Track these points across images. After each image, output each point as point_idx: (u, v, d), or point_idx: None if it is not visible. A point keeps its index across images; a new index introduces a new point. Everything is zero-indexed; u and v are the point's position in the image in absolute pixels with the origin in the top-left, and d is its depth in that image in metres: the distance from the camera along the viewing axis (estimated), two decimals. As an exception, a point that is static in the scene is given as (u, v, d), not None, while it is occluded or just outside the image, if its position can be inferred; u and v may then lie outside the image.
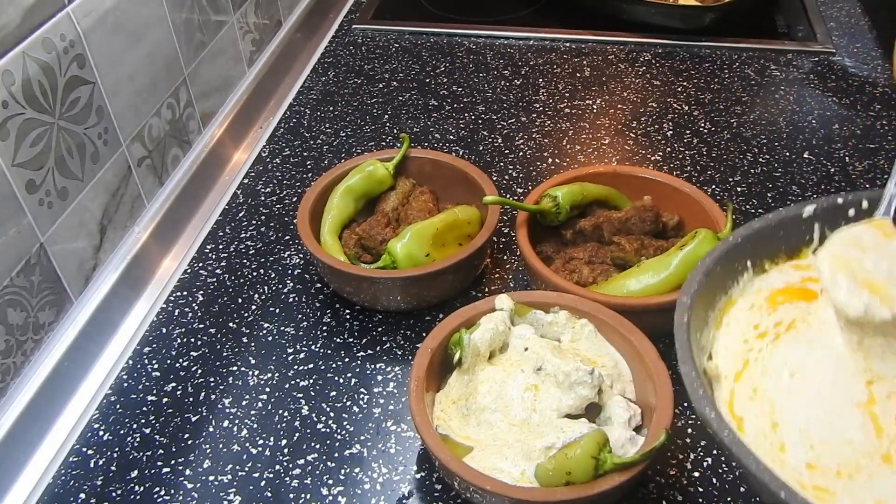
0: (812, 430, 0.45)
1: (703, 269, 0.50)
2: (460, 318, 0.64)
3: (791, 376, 0.48)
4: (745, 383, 0.48)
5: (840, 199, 0.53)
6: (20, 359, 0.66)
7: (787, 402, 0.47)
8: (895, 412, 0.45)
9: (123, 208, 0.79)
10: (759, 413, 0.46)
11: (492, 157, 0.93)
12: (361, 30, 1.19)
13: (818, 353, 0.49)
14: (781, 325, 0.51)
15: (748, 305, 0.52)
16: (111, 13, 0.74)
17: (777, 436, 0.45)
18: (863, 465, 0.43)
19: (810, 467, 0.44)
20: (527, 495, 0.53)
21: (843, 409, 0.46)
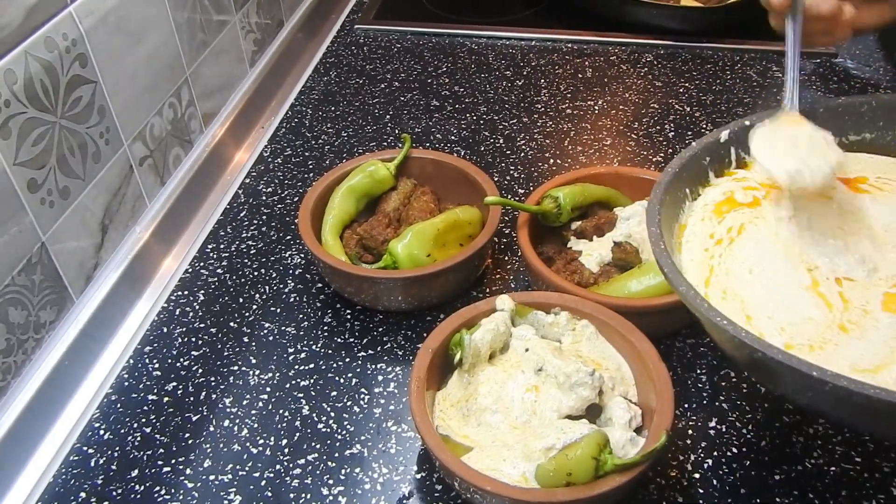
0: (778, 316, 0.51)
1: (657, 198, 0.56)
2: (461, 319, 0.64)
3: (750, 272, 0.54)
4: (715, 287, 0.54)
5: (747, 121, 0.61)
6: (21, 358, 0.66)
7: (753, 296, 0.52)
8: (836, 289, 0.53)
9: (125, 208, 0.79)
10: (733, 310, 0.51)
11: (493, 157, 0.93)
12: (363, 30, 1.19)
13: (767, 249, 0.56)
14: (733, 230, 0.57)
15: (699, 219, 0.59)
16: (113, 12, 0.74)
17: (752, 326, 0.50)
18: (827, 337, 0.50)
19: (788, 346, 0.49)
20: (527, 496, 0.53)
21: (796, 293, 0.53)
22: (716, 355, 0.69)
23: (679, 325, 0.71)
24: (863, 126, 0.62)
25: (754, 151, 0.59)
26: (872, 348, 0.48)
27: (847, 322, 0.50)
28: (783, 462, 0.61)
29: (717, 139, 0.61)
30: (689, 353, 0.69)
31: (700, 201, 0.60)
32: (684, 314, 0.69)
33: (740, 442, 0.62)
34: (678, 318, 0.70)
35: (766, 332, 0.50)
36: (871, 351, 0.48)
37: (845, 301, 0.52)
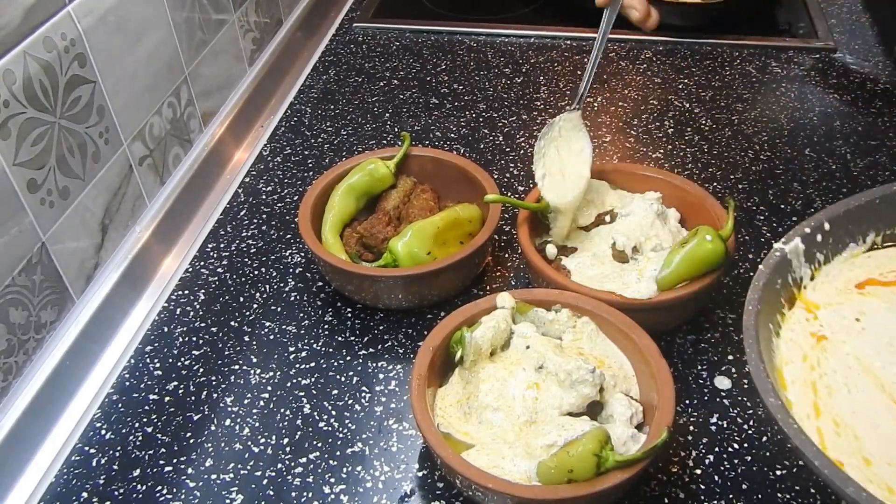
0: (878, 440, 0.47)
1: (753, 347, 0.51)
2: (462, 317, 0.64)
3: (848, 391, 0.50)
4: (826, 416, 0.49)
5: (807, 227, 0.58)
6: (22, 358, 0.66)
7: (864, 429, 0.48)
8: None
9: (125, 207, 0.79)
10: (850, 451, 0.47)
11: (493, 155, 0.93)
12: (362, 28, 1.19)
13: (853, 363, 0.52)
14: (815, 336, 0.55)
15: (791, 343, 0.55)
16: (112, 12, 0.74)
17: (874, 475, 0.46)
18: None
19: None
20: (529, 493, 0.53)
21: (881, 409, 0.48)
22: (717, 351, 0.69)
23: (680, 321, 0.71)
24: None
25: (537, 170, 0.67)
26: None
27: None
28: (784, 458, 0.61)
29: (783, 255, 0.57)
30: (689, 349, 0.69)
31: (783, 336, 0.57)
32: (685, 310, 0.70)
33: (741, 438, 0.63)
34: (679, 315, 0.70)
35: (874, 458, 0.46)
36: None
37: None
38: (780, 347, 0.55)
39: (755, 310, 0.53)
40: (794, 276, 0.58)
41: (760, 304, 0.53)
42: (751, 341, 0.50)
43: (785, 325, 0.56)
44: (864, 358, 0.53)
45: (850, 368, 0.52)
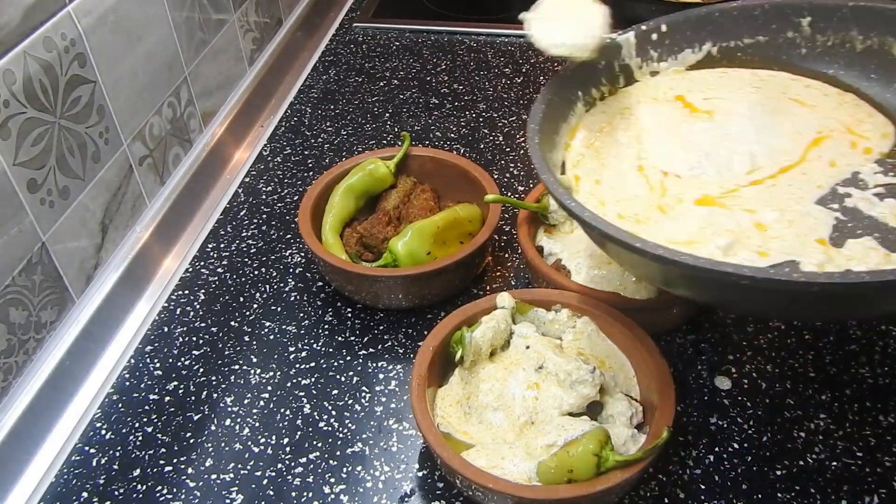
0: (616, 191, 0.60)
1: (543, 99, 0.62)
2: (461, 317, 0.64)
3: (604, 161, 0.63)
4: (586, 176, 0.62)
5: (644, 26, 0.68)
6: (22, 358, 0.66)
7: (604, 176, 0.61)
8: (660, 178, 0.61)
9: (125, 207, 0.79)
10: (588, 171, 0.61)
11: (493, 155, 0.93)
12: (362, 28, 1.19)
13: (620, 138, 0.65)
14: (601, 132, 0.65)
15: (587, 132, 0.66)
16: (112, 12, 0.74)
17: (596, 189, 0.60)
18: (649, 214, 0.58)
19: (620, 217, 0.58)
20: (529, 493, 0.53)
21: (628, 171, 0.62)
22: (716, 351, 0.69)
23: (680, 321, 0.71)
24: (757, 29, 0.66)
25: (529, 25, 0.65)
26: (686, 229, 0.56)
27: (664, 206, 0.58)
28: (784, 457, 0.61)
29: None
30: (689, 349, 0.69)
31: (592, 117, 0.66)
32: (685, 310, 0.70)
33: (741, 437, 0.63)
34: (679, 315, 0.70)
35: (608, 203, 0.59)
36: (685, 230, 0.55)
37: (664, 189, 0.59)
38: (585, 114, 0.66)
39: (562, 74, 0.63)
40: (622, 62, 0.67)
41: (570, 71, 0.64)
42: (543, 91, 0.62)
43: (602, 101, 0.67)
44: (646, 133, 0.65)
45: (630, 133, 0.65)
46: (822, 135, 0.62)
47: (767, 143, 0.62)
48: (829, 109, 0.65)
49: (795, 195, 0.58)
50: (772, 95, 0.66)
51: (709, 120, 0.65)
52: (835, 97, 0.66)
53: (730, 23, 0.66)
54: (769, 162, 0.61)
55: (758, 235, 0.55)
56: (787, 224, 0.55)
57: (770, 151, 0.61)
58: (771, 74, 0.68)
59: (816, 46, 0.66)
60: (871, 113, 0.64)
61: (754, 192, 0.58)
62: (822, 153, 0.61)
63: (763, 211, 0.56)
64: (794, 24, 0.65)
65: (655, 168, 0.61)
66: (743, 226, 0.55)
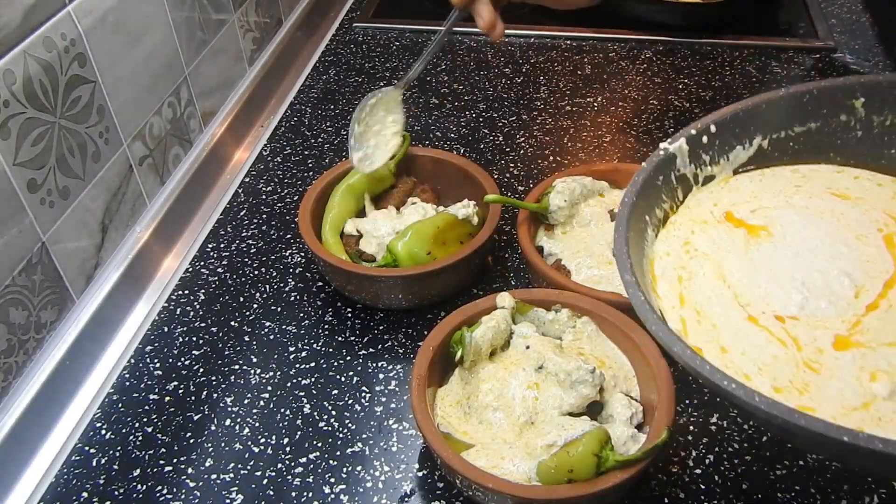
0: (748, 356, 0.49)
1: (622, 237, 0.53)
2: (462, 317, 0.64)
3: (703, 312, 0.53)
4: (689, 307, 0.52)
5: (692, 129, 0.60)
6: (22, 358, 0.66)
7: (723, 338, 0.51)
8: (779, 325, 0.51)
9: (125, 207, 0.79)
10: (707, 340, 0.50)
11: (493, 155, 0.93)
12: (362, 28, 1.19)
13: (703, 282, 0.55)
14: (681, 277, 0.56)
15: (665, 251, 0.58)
16: (112, 12, 0.74)
17: (729, 361, 0.49)
18: (804, 378, 0.48)
19: (777, 390, 0.47)
20: (529, 493, 0.53)
21: (743, 327, 0.51)
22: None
23: (680, 321, 0.71)
24: (808, 116, 0.61)
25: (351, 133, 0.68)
26: (850, 387, 0.47)
27: (810, 362, 0.49)
28: (784, 457, 0.61)
29: (667, 154, 0.59)
30: (689, 349, 0.69)
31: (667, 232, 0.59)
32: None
33: (742, 437, 0.63)
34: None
35: (748, 372, 0.48)
36: (849, 390, 0.47)
37: (794, 339, 0.50)
38: (655, 241, 0.58)
39: (630, 201, 0.55)
40: (678, 173, 0.60)
41: (637, 196, 0.55)
42: (621, 228, 0.52)
43: (664, 228, 0.59)
44: (724, 269, 0.56)
45: (710, 273, 0.55)
46: (886, 231, 0.57)
47: (848, 254, 0.55)
48: (881, 201, 0.59)
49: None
50: (815, 194, 0.60)
51: (769, 238, 0.57)
52: (890, 186, 0.60)
53: (778, 113, 0.61)
54: (867, 277, 0.53)
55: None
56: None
57: (858, 263, 0.54)
58: (813, 169, 0.62)
59: (873, 128, 0.61)
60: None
61: (876, 318, 0.51)
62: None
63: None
64: (847, 107, 0.60)
65: (767, 314, 0.52)
66: (893, 362, 0.48)
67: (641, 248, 0.56)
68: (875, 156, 0.61)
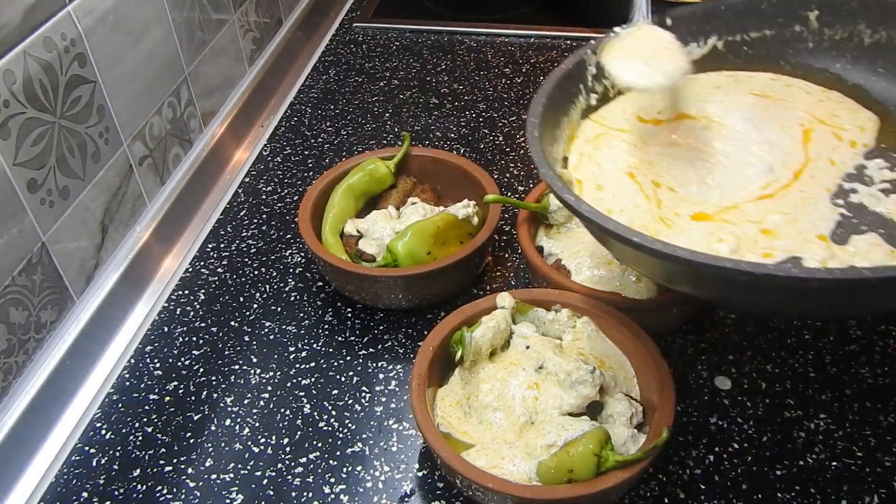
0: (619, 199, 0.58)
1: (544, 92, 0.60)
2: (461, 317, 0.64)
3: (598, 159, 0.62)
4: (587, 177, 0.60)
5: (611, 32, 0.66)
6: (22, 358, 0.66)
7: (604, 181, 0.59)
8: (652, 188, 0.58)
9: (125, 207, 0.79)
10: (588, 177, 0.59)
11: (493, 155, 0.93)
12: (362, 28, 1.19)
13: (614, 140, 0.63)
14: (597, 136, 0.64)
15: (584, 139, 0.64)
16: (112, 12, 0.74)
17: (605, 207, 0.57)
18: (656, 228, 0.56)
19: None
20: (529, 493, 0.53)
21: (622, 179, 0.60)
22: (716, 351, 0.69)
23: (680, 321, 0.71)
24: (764, 23, 0.65)
25: (605, 60, 0.63)
26: (695, 244, 0.53)
27: (665, 218, 0.56)
28: (784, 457, 0.61)
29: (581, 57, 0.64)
30: (689, 349, 0.69)
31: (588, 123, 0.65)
32: (685, 310, 0.70)
33: (741, 437, 0.63)
34: (679, 315, 0.70)
35: (611, 208, 0.57)
36: (690, 240, 0.54)
37: (658, 200, 0.57)
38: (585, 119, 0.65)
39: (566, 68, 0.61)
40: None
41: (575, 66, 0.62)
42: (545, 86, 0.60)
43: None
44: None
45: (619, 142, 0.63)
46: (805, 128, 0.62)
47: (770, 141, 0.61)
48: (805, 104, 0.63)
49: (805, 198, 0.57)
50: (736, 92, 0.65)
51: (706, 127, 0.63)
52: (817, 94, 0.64)
53: (736, 16, 0.65)
54: (782, 168, 0.59)
55: (764, 239, 0.54)
56: (790, 222, 0.55)
57: (778, 152, 0.60)
58: (749, 75, 0.66)
59: (824, 41, 0.64)
60: (854, 109, 0.63)
61: (759, 206, 0.57)
62: (819, 150, 0.60)
63: (768, 217, 0.56)
64: (801, 18, 0.64)
65: (646, 178, 0.60)
66: (748, 233, 0.54)
67: (566, 108, 0.62)
68: (822, 68, 0.64)
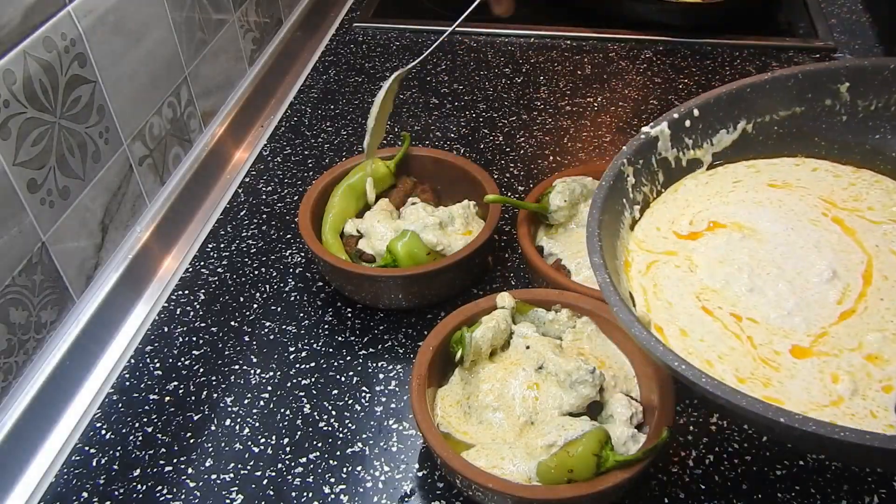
0: (707, 343, 0.50)
1: (595, 220, 0.52)
2: (462, 317, 0.64)
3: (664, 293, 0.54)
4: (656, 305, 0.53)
5: (675, 113, 0.59)
6: (22, 358, 0.66)
7: (681, 321, 0.51)
8: (734, 321, 0.51)
9: (125, 207, 0.79)
10: (667, 320, 0.52)
11: (493, 155, 0.93)
12: (362, 28, 1.19)
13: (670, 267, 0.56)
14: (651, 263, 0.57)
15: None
16: (112, 12, 0.74)
17: (702, 356, 0.49)
18: (765, 373, 0.48)
19: (741, 381, 0.47)
20: (529, 493, 0.53)
21: (698, 313, 0.52)
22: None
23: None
24: (792, 100, 0.61)
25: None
26: (811, 388, 0.47)
27: (767, 360, 0.49)
28: (784, 457, 0.61)
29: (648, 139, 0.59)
30: (689, 349, 0.69)
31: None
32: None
33: (741, 438, 0.63)
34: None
35: (709, 359, 0.49)
36: (815, 388, 0.47)
37: (749, 338, 0.50)
38: (634, 226, 0.58)
39: (608, 184, 0.55)
40: (659, 157, 0.60)
41: (616, 180, 0.56)
42: (594, 210, 0.52)
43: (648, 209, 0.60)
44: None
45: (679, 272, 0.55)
46: (832, 215, 0.57)
47: (818, 241, 0.54)
48: (818, 188, 0.59)
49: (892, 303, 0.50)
50: (752, 187, 0.61)
51: (743, 238, 0.57)
52: (848, 176, 0.60)
53: (762, 97, 0.61)
54: (845, 270, 0.52)
55: (875, 369, 0.47)
56: (891, 339, 0.48)
57: (834, 253, 0.53)
58: (770, 163, 0.62)
59: (858, 112, 0.60)
60: (890, 189, 0.59)
61: (846, 326, 0.50)
62: (874, 241, 0.54)
63: (865, 339, 0.49)
64: (831, 91, 0.60)
65: (723, 311, 0.52)
66: (855, 363, 0.47)
67: (617, 231, 0.56)
68: (859, 141, 0.61)
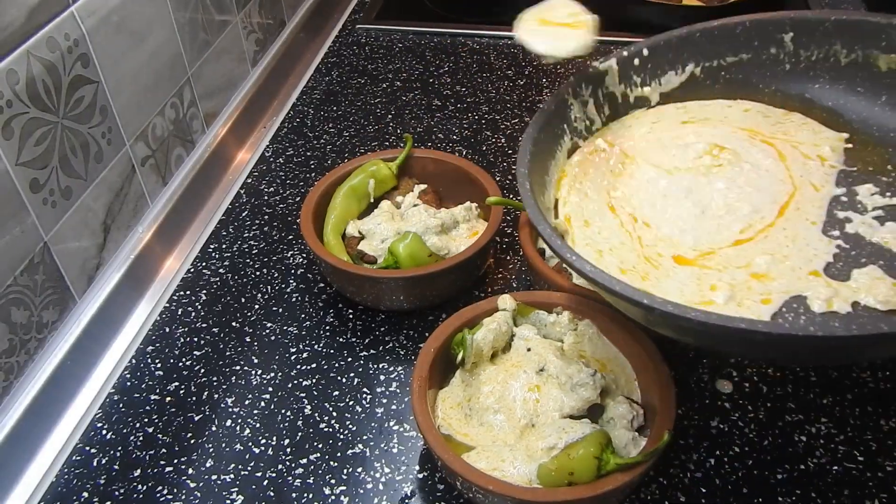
0: (604, 236, 0.57)
1: (530, 138, 0.58)
2: (463, 319, 0.64)
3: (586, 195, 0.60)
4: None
5: (625, 51, 0.65)
6: (23, 358, 0.66)
7: (589, 215, 0.58)
8: (631, 223, 0.57)
9: (127, 208, 0.79)
10: (584, 238, 0.57)
11: (495, 157, 0.93)
12: (365, 30, 1.19)
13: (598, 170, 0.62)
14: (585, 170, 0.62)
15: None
16: (115, 12, 0.74)
17: (595, 247, 0.56)
18: (644, 268, 0.54)
19: (622, 271, 0.54)
20: (529, 495, 0.53)
21: (605, 212, 0.59)
22: (718, 354, 0.69)
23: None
24: (739, 47, 0.65)
25: (518, 31, 0.62)
26: (686, 290, 0.51)
27: (650, 258, 0.54)
28: (785, 461, 0.61)
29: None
30: (691, 352, 0.69)
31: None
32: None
33: (742, 441, 0.62)
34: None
35: (606, 259, 0.54)
36: (687, 291, 0.51)
37: (639, 237, 0.56)
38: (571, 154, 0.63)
39: (549, 108, 0.59)
40: (606, 91, 0.64)
41: (557, 105, 0.60)
42: (530, 129, 0.58)
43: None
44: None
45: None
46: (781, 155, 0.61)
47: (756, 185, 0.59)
48: (732, 121, 0.63)
49: (793, 234, 0.55)
50: (667, 128, 0.65)
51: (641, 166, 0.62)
52: (777, 116, 0.64)
53: (711, 42, 0.65)
54: (767, 206, 0.57)
55: (757, 283, 0.52)
56: (779, 261, 0.53)
57: (765, 194, 0.58)
58: (704, 104, 0.66)
59: (800, 62, 0.64)
60: (816, 129, 0.62)
61: (738, 250, 0.55)
62: (800, 173, 0.59)
63: (755, 260, 0.54)
64: (776, 41, 0.64)
65: (623, 209, 0.58)
66: (738, 279, 0.52)
67: (553, 152, 0.60)
68: (798, 93, 0.64)
